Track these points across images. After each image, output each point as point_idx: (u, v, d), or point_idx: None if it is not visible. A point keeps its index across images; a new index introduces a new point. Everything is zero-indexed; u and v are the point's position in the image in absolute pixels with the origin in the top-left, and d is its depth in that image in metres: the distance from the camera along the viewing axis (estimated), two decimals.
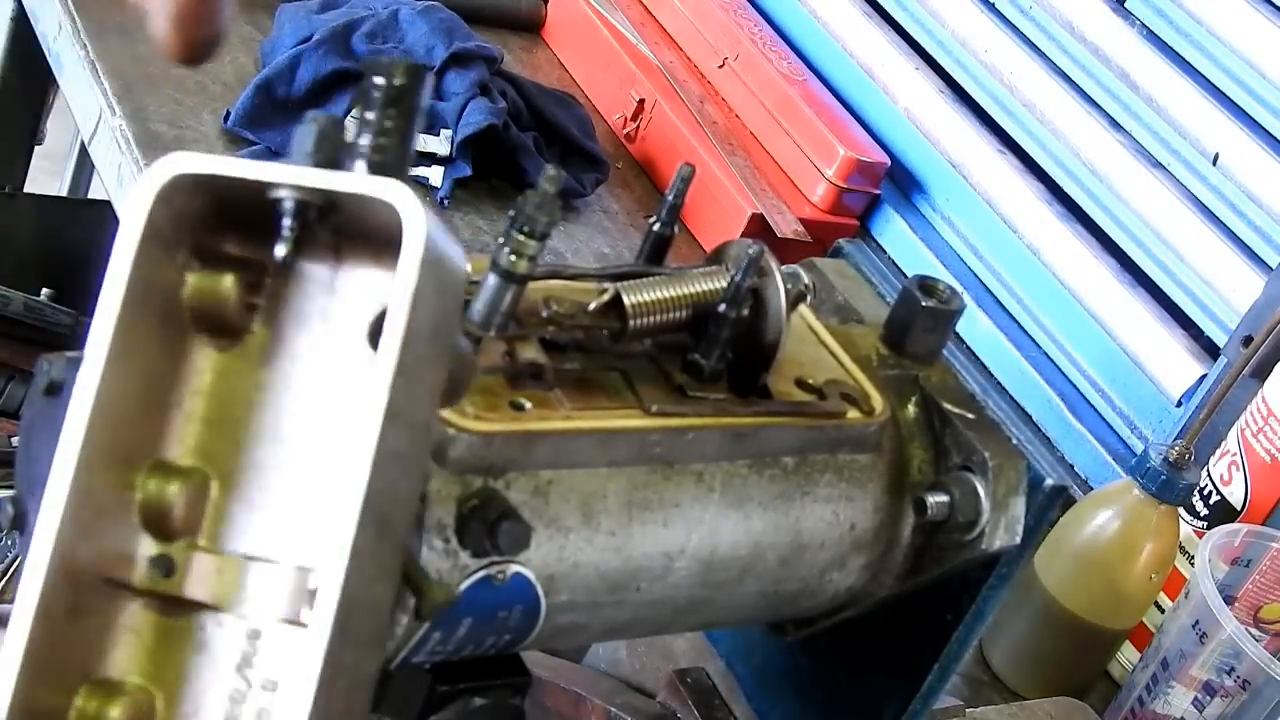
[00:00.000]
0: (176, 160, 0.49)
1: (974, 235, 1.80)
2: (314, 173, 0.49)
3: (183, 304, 0.52)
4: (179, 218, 0.50)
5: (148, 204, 0.49)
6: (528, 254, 0.61)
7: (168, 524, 0.51)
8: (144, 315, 0.50)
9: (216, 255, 0.52)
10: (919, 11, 1.91)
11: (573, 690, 0.99)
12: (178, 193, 0.50)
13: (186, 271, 0.52)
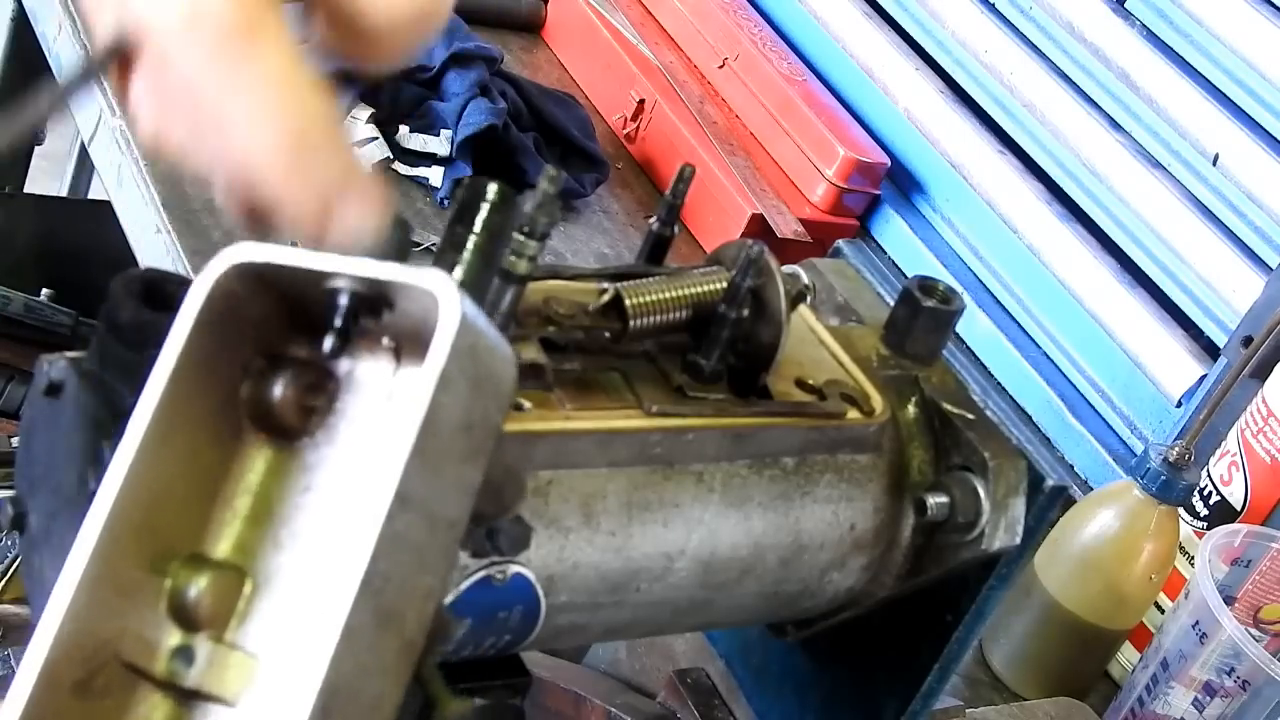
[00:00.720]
0: (237, 250, 0.49)
1: (974, 235, 1.80)
2: (365, 263, 0.48)
3: (241, 400, 0.52)
4: (242, 311, 0.50)
5: (205, 291, 0.49)
6: (527, 254, 0.61)
7: (195, 616, 0.51)
8: (197, 404, 0.50)
9: (281, 355, 0.52)
10: (919, 11, 1.91)
11: (573, 690, 0.99)
12: (241, 283, 0.50)
13: (249, 368, 0.52)
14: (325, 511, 0.51)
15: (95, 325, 0.56)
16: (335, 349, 0.50)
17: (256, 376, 0.52)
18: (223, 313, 0.50)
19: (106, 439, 0.56)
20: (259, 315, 0.51)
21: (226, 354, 0.51)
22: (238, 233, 1.53)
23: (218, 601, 0.51)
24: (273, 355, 0.52)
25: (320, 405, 0.52)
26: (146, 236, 1.57)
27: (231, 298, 0.50)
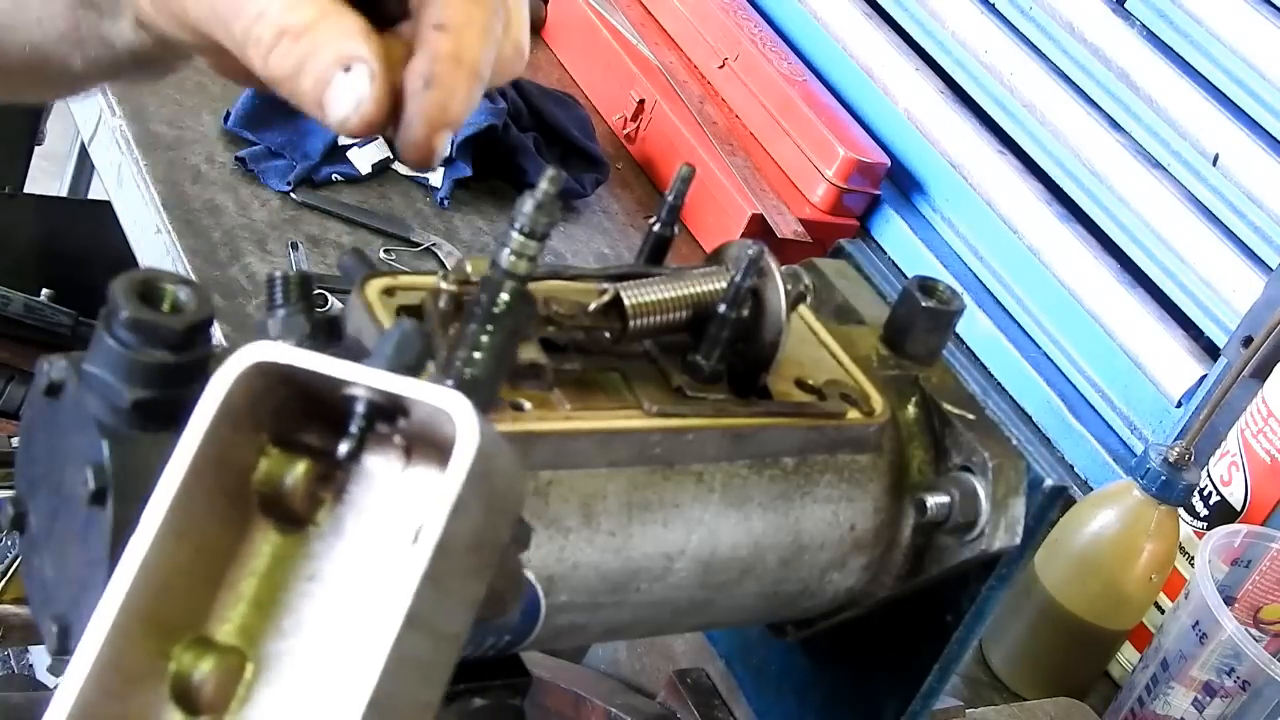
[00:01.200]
0: (258, 349, 0.50)
1: (974, 235, 1.80)
2: (383, 375, 0.49)
3: (252, 485, 0.52)
4: (259, 401, 0.51)
5: (225, 387, 0.50)
6: (528, 255, 0.61)
7: (197, 699, 0.51)
8: (210, 492, 0.51)
9: (293, 442, 0.53)
10: (919, 12, 1.91)
11: (572, 691, 0.99)
12: (260, 378, 0.50)
13: (261, 454, 0.52)
14: (328, 602, 0.52)
15: (95, 325, 0.56)
16: (350, 454, 0.51)
17: (269, 462, 0.53)
18: (239, 405, 0.50)
19: (106, 439, 0.56)
20: (275, 404, 0.52)
21: (241, 442, 0.52)
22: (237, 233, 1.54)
23: (220, 685, 0.51)
24: (286, 440, 0.53)
25: (329, 496, 0.52)
26: (146, 236, 1.57)
27: (249, 392, 0.50)
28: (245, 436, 0.52)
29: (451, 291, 0.64)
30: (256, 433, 0.52)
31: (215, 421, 0.50)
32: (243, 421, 0.51)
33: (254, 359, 0.50)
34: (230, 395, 0.50)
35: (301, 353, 0.50)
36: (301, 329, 0.66)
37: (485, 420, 0.48)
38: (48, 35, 0.76)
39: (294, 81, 0.62)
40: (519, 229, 0.61)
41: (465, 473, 0.47)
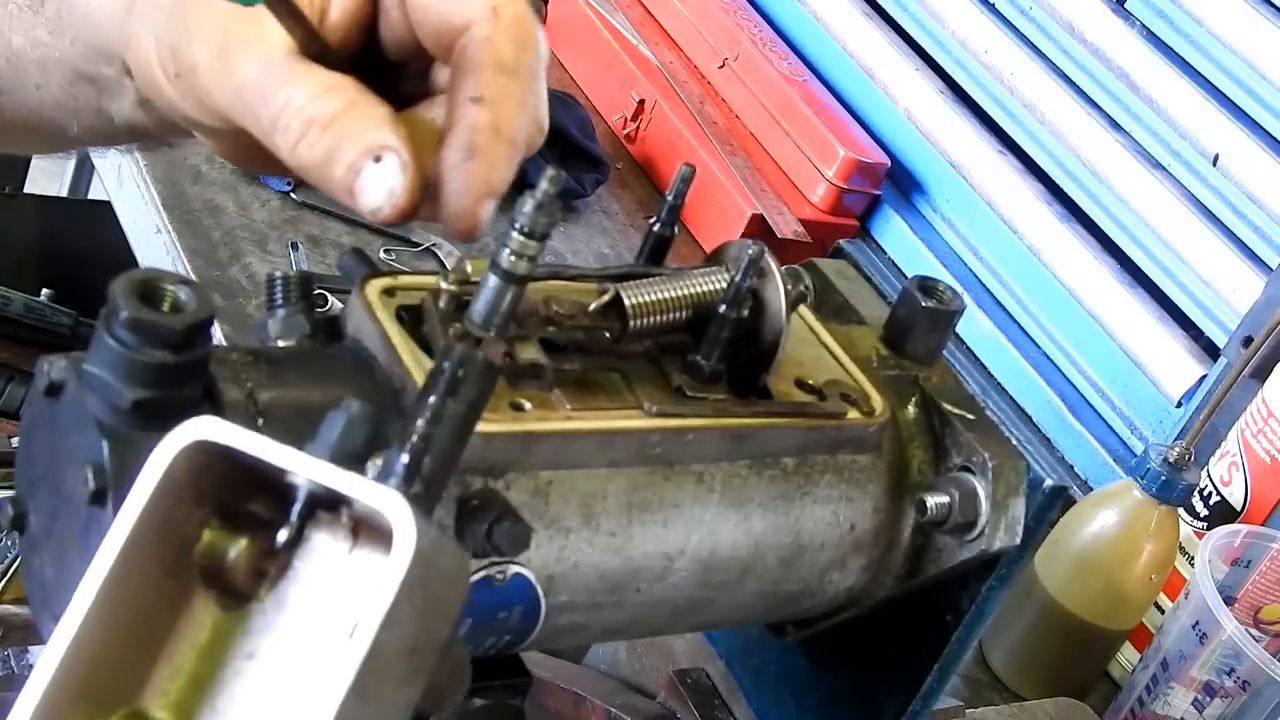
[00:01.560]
0: (201, 425, 0.49)
1: (974, 235, 1.80)
2: (324, 468, 0.48)
3: (194, 557, 0.52)
4: (202, 474, 0.50)
5: (165, 462, 0.49)
6: (528, 255, 0.61)
7: None
8: (149, 564, 0.50)
9: (239, 513, 0.52)
10: (919, 12, 1.91)
11: (572, 690, 0.99)
12: (202, 453, 0.50)
13: (204, 526, 0.52)
14: (264, 683, 0.51)
15: (95, 325, 0.56)
16: (290, 542, 0.50)
17: (212, 534, 0.52)
18: (180, 479, 0.50)
19: (106, 439, 0.56)
20: (219, 475, 0.51)
21: (183, 515, 0.51)
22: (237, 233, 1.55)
23: None
24: (231, 511, 0.52)
25: (273, 570, 0.52)
26: (146, 236, 1.57)
27: (191, 466, 0.50)
28: (187, 509, 0.51)
29: (452, 292, 0.64)
30: (199, 505, 0.51)
31: (155, 496, 0.49)
32: (184, 494, 0.50)
33: (195, 436, 0.49)
34: (171, 470, 0.49)
35: (244, 434, 0.49)
36: (301, 329, 0.66)
37: (425, 522, 0.48)
38: (44, 102, 0.77)
39: (323, 170, 0.62)
40: (519, 229, 0.61)
41: (398, 583, 0.47)
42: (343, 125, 0.62)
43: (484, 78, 0.63)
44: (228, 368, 0.60)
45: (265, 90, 0.63)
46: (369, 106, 0.63)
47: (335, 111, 0.62)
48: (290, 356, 0.64)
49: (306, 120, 0.62)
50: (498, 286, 0.62)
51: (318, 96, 0.62)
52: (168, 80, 0.67)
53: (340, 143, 0.62)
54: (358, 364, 0.63)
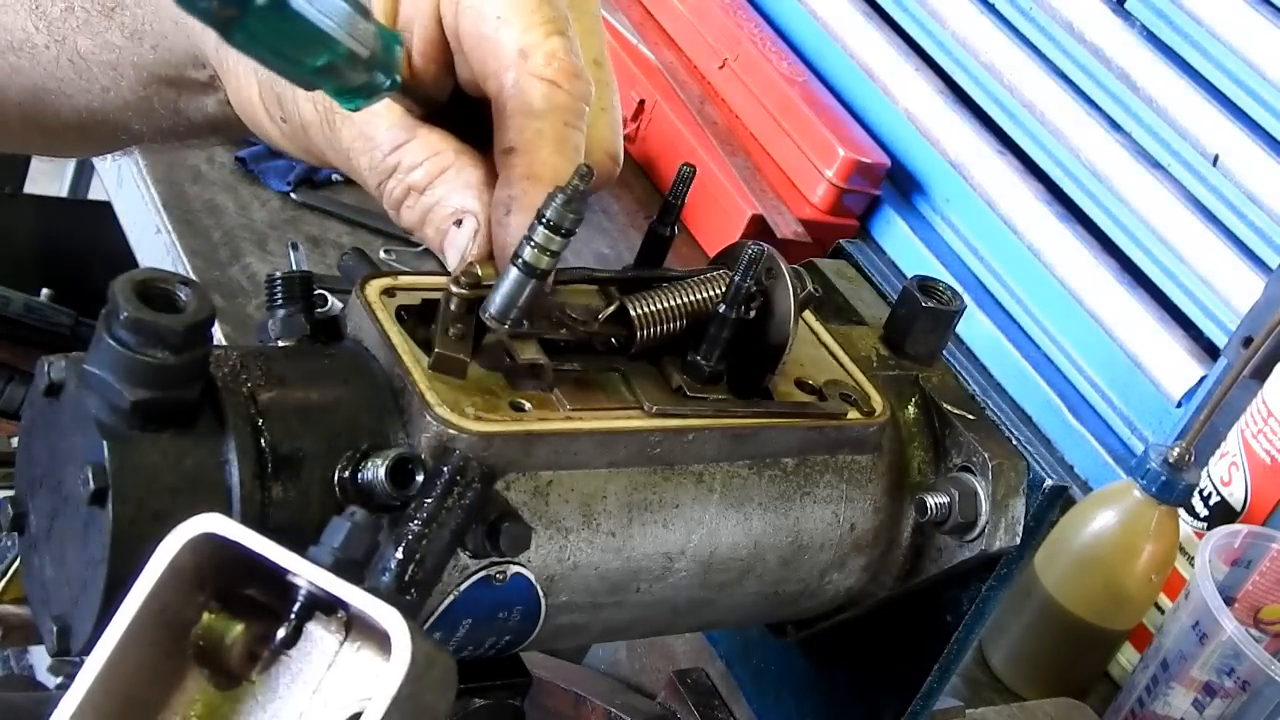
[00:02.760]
0: (209, 520, 0.51)
1: (974, 235, 1.80)
2: (326, 576, 0.50)
3: (191, 638, 0.53)
4: (204, 562, 0.52)
5: (172, 553, 0.51)
6: (551, 250, 0.61)
7: None
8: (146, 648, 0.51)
9: (237, 597, 0.53)
10: (919, 12, 1.91)
11: (572, 691, 0.99)
12: (207, 544, 0.51)
13: (204, 610, 0.53)
14: None
15: (95, 325, 0.56)
16: (287, 640, 0.52)
17: (210, 618, 0.53)
18: (184, 568, 0.51)
19: (106, 439, 0.56)
20: (220, 562, 0.52)
21: (184, 600, 0.52)
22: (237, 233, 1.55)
23: None
24: (228, 596, 0.53)
25: (266, 654, 0.53)
26: (146, 236, 1.57)
27: (196, 554, 0.51)
28: (188, 594, 0.52)
29: (463, 295, 0.64)
30: (200, 590, 0.53)
31: (159, 585, 0.50)
32: (186, 581, 0.52)
33: (202, 529, 0.51)
34: (176, 560, 0.51)
35: (251, 534, 0.50)
36: (301, 329, 0.66)
37: (420, 635, 0.49)
38: (111, 104, 0.78)
39: (420, 230, 0.68)
40: (545, 223, 0.61)
41: (390, 697, 0.48)
42: (434, 193, 0.67)
43: (513, 125, 0.65)
44: (228, 368, 0.60)
45: (374, 160, 0.67)
46: (459, 171, 0.66)
47: (429, 179, 0.67)
48: (290, 356, 0.64)
49: (406, 188, 0.67)
50: (518, 280, 0.62)
51: (416, 166, 0.67)
52: (271, 120, 0.71)
53: (431, 206, 0.67)
54: (358, 364, 0.63)
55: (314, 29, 0.54)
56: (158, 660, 0.52)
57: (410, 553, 0.54)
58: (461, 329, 0.63)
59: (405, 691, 0.48)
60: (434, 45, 0.68)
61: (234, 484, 0.58)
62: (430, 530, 0.55)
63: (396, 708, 0.48)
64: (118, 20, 0.75)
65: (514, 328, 0.63)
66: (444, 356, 0.62)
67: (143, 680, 0.52)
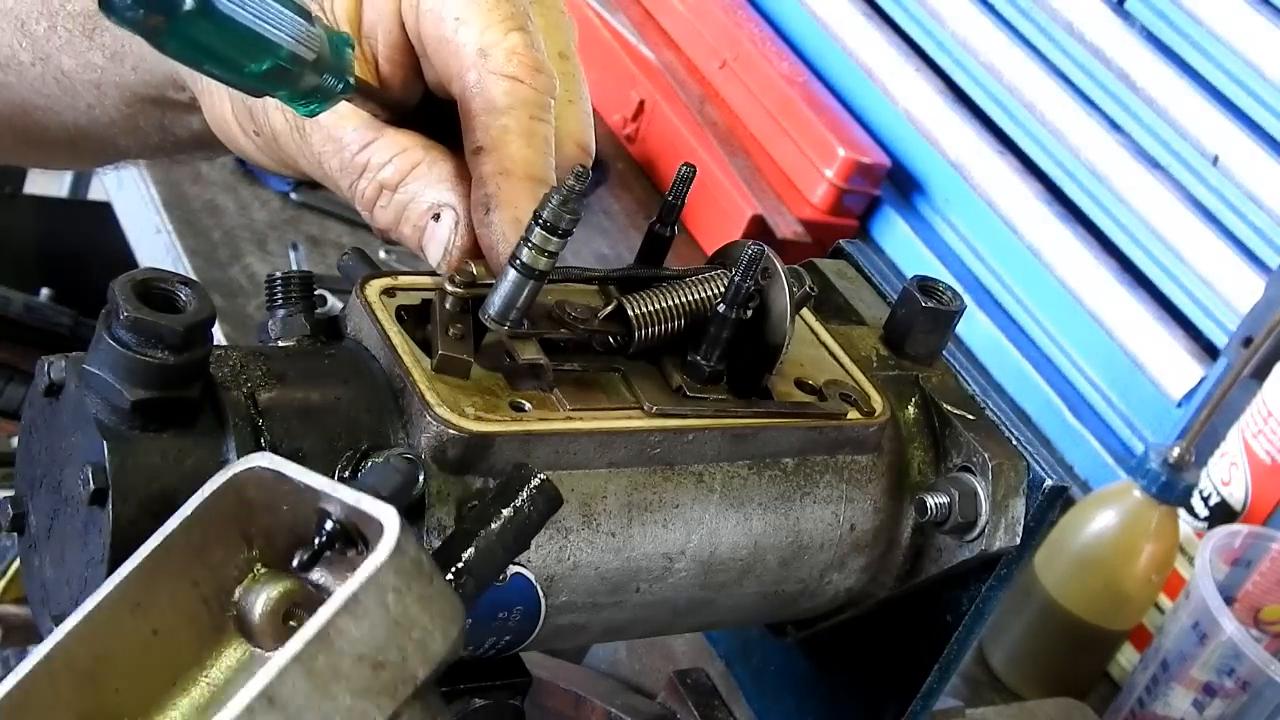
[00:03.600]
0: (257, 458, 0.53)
1: (974, 235, 1.80)
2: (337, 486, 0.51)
3: (233, 599, 0.54)
4: (252, 518, 0.53)
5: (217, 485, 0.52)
6: (549, 250, 0.61)
7: None
8: (180, 583, 0.52)
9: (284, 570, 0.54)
10: (919, 12, 1.91)
11: (572, 691, 0.99)
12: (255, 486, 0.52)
13: (248, 572, 0.54)
14: None
15: (95, 325, 0.56)
16: (304, 563, 0.53)
17: (251, 580, 0.54)
18: (229, 510, 0.52)
19: (106, 439, 0.56)
20: (269, 525, 0.53)
21: (224, 547, 0.53)
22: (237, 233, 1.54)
23: None
24: (278, 568, 0.54)
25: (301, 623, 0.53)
26: (146, 236, 1.57)
27: (240, 500, 0.52)
28: (231, 545, 0.53)
29: (458, 294, 0.64)
30: (245, 547, 0.53)
31: (197, 514, 0.51)
32: (228, 528, 0.52)
33: (250, 464, 0.52)
34: (221, 493, 0.51)
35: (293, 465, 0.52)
36: (301, 329, 0.66)
37: (419, 546, 0.49)
38: (97, 121, 0.78)
39: (397, 229, 0.67)
40: (542, 224, 0.61)
41: (369, 575, 0.48)
42: (407, 189, 0.66)
43: (479, 125, 0.65)
44: (228, 368, 0.60)
45: (344, 160, 0.67)
46: (432, 165, 0.66)
47: (401, 176, 0.66)
48: (290, 356, 0.64)
49: (378, 186, 0.66)
50: (516, 281, 0.62)
51: (385, 164, 0.66)
52: (244, 135, 0.70)
53: (406, 202, 0.66)
54: (358, 364, 0.63)
55: (248, 32, 0.53)
56: (194, 605, 0.52)
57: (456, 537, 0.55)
58: (461, 329, 0.63)
59: (387, 581, 0.48)
60: (399, 50, 0.68)
61: None
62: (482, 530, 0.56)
63: (376, 594, 0.48)
64: (98, 41, 0.75)
65: (514, 328, 0.63)
66: (448, 358, 0.62)
67: (174, 621, 0.52)
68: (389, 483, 0.53)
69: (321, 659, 0.47)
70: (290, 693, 0.47)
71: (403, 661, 0.49)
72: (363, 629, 0.48)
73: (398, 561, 0.48)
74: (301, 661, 0.47)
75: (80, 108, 0.77)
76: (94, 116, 0.78)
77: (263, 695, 0.46)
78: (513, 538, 0.56)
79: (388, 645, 0.49)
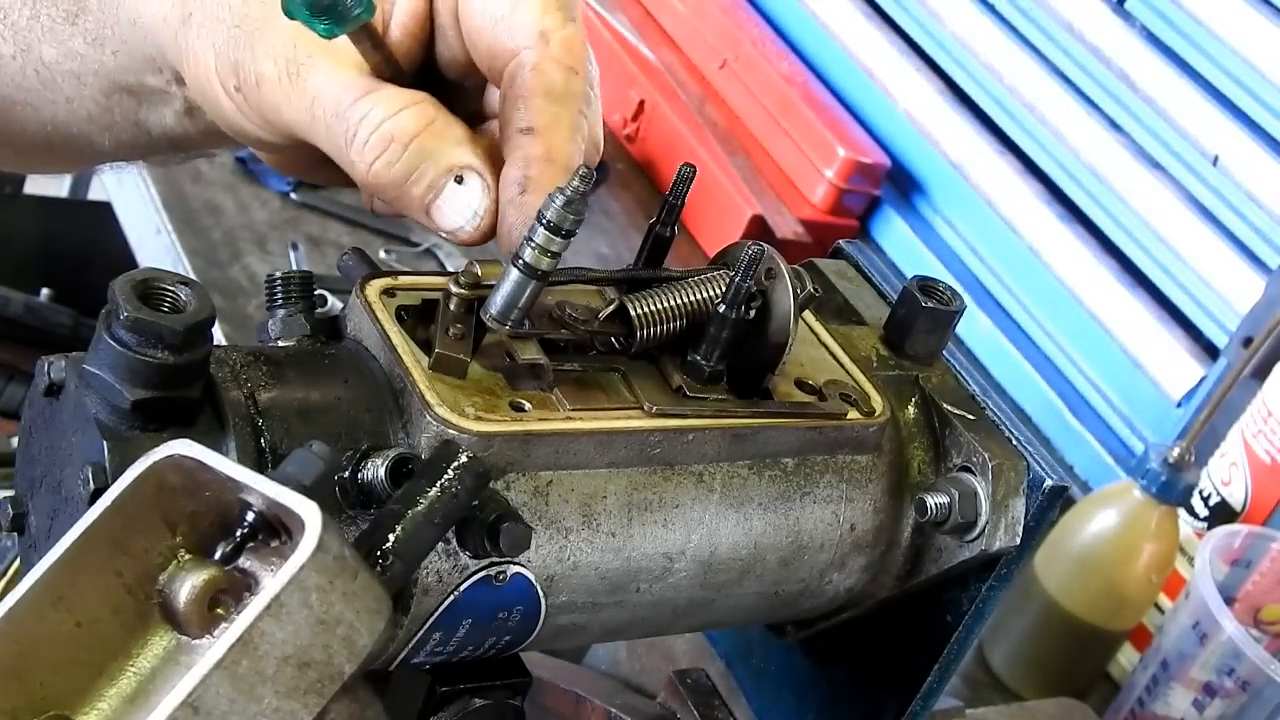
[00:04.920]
0: (177, 445, 0.51)
1: (974, 235, 1.80)
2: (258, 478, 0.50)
3: (157, 586, 0.52)
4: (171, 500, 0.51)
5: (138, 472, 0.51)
6: (552, 251, 0.61)
7: None
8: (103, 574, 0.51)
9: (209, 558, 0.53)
10: (919, 12, 1.91)
11: (572, 691, 0.99)
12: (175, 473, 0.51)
13: (173, 559, 0.53)
14: None
15: (95, 325, 0.56)
16: (226, 556, 0.51)
17: (175, 567, 0.53)
18: (148, 495, 0.51)
19: (106, 439, 0.56)
20: (191, 511, 0.52)
21: (146, 535, 0.52)
22: (237, 233, 1.54)
23: None
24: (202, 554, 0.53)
25: (226, 612, 0.52)
26: (146, 236, 1.57)
27: (163, 486, 0.51)
28: (154, 533, 0.52)
29: (462, 295, 0.64)
30: (170, 535, 0.52)
31: (118, 502, 0.50)
32: (150, 516, 0.51)
33: (170, 451, 0.51)
34: (140, 481, 0.50)
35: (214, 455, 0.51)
36: (301, 329, 0.66)
37: (341, 541, 0.48)
38: (75, 116, 0.77)
39: (402, 188, 0.62)
40: (546, 224, 0.60)
41: (291, 575, 0.47)
42: (424, 143, 0.62)
43: (534, 106, 0.64)
44: (228, 368, 0.60)
45: (341, 105, 0.62)
46: (448, 125, 0.63)
47: (416, 128, 0.62)
48: (290, 356, 0.64)
49: (385, 137, 0.61)
50: (519, 281, 0.62)
51: (396, 113, 0.62)
52: (226, 93, 0.67)
53: (421, 161, 0.62)
54: (358, 364, 0.63)
55: None
56: (118, 594, 0.52)
57: (383, 518, 0.54)
58: (461, 329, 0.63)
59: (310, 581, 0.47)
60: (416, 20, 0.67)
61: None
62: (409, 510, 0.55)
63: (299, 595, 0.47)
64: (81, 26, 0.74)
65: (515, 329, 0.63)
66: (444, 356, 0.62)
67: (97, 611, 0.51)
68: (310, 472, 0.52)
69: (245, 663, 0.47)
70: (214, 699, 0.46)
71: (329, 659, 0.49)
72: (286, 630, 0.47)
73: (320, 560, 0.47)
74: (225, 667, 0.46)
75: (59, 101, 0.76)
76: (72, 111, 0.77)
77: (186, 703, 0.46)
78: (441, 517, 0.55)
79: (312, 644, 0.48)
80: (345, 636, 0.49)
